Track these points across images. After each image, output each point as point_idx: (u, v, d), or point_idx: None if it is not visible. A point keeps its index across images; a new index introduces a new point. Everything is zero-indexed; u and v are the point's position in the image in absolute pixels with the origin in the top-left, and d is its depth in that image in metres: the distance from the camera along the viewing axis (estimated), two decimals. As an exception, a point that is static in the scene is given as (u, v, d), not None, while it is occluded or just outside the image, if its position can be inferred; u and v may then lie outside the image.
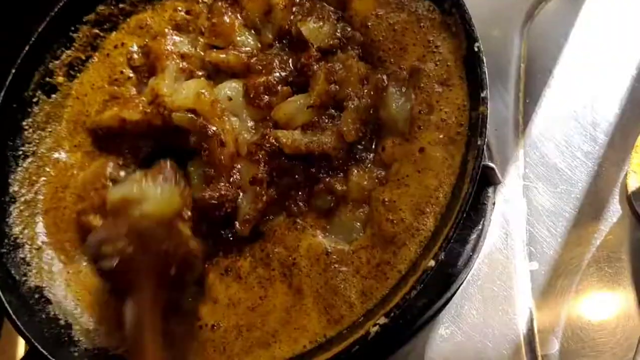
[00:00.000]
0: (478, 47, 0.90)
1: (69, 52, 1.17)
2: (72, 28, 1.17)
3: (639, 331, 0.94)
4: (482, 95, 0.88)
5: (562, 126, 1.11)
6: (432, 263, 0.82)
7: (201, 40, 1.12)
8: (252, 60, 1.06)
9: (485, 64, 0.89)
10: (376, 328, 0.81)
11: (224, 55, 1.07)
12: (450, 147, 0.90)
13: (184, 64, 1.10)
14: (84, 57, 1.18)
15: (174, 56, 1.10)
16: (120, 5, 1.20)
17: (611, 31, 1.18)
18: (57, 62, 1.16)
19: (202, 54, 1.10)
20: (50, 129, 1.14)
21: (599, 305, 0.98)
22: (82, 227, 1.05)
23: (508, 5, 1.26)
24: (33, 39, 1.13)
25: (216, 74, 1.10)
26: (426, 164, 0.91)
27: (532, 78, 1.18)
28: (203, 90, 1.02)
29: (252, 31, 1.11)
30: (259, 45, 1.10)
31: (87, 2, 1.18)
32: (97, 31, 1.19)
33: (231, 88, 1.05)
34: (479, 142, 0.85)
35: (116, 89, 1.14)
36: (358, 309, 0.88)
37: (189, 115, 1.01)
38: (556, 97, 1.15)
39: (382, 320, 0.81)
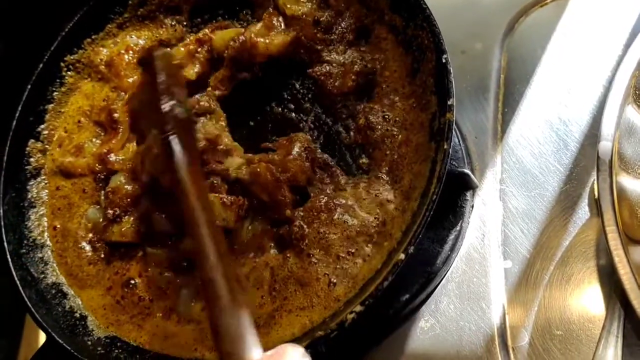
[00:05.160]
0: (446, 58, 0.96)
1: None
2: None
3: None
4: (449, 103, 0.93)
5: (537, 134, 1.17)
6: (402, 256, 0.87)
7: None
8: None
9: (452, 74, 0.94)
10: (352, 315, 0.87)
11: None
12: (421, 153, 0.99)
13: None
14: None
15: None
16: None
17: (586, 44, 1.24)
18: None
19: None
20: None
21: (567, 301, 1.03)
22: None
23: (490, 19, 1.32)
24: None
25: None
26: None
27: (510, 88, 1.23)
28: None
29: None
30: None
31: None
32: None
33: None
34: (445, 146, 0.91)
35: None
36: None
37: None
38: (533, 106, 1.20)
39: (358, 308, 0.87)
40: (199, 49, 1.18)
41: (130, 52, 1.23)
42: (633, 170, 0.93)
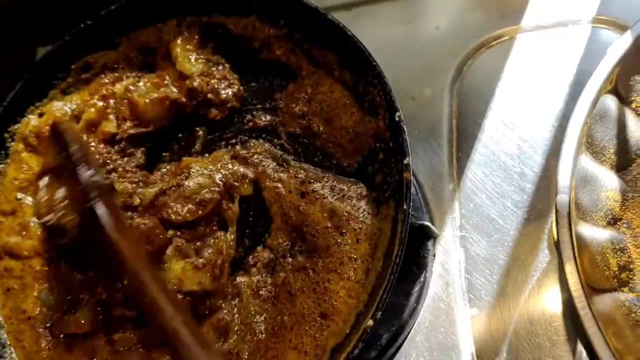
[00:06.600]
0: (399, 116, 0.96)
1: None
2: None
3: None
4: (405, 162, 0.93)
5: (492, 177, 1.18)
6: (370, 322, 0.86)
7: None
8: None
9: (406, 133, 0.94)
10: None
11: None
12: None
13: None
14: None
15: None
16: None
17: (533, 83, 1.25)
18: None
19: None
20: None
21: (534, 345, 1.04)
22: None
23: (438, 64, 1.32)
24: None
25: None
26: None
27: (463, 132, 1.24)
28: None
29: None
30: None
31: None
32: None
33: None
34: (405, 207, 0.90)
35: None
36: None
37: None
38: (486, 149, 1.21)
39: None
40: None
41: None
42: (590, 217, 0.94)
